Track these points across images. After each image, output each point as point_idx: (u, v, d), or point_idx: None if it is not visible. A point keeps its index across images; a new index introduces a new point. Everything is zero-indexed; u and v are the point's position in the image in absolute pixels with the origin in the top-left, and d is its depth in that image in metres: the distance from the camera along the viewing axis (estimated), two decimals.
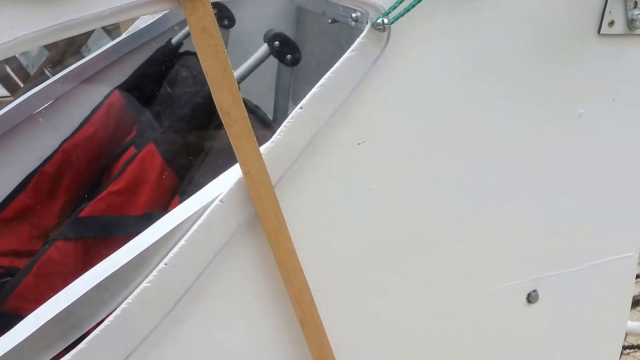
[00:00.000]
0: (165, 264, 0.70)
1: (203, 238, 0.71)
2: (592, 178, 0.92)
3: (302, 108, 0.73)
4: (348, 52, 0.72)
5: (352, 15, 1.04)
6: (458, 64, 0.79)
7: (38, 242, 1.35)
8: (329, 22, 1.31)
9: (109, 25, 2.25)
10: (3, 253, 1.34)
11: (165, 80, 1.46)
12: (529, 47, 0.82)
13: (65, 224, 1.16)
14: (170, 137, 1.14)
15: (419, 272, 0.85)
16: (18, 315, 0.71)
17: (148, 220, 0.74)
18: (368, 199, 0.79)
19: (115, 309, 0.69)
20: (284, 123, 0.72)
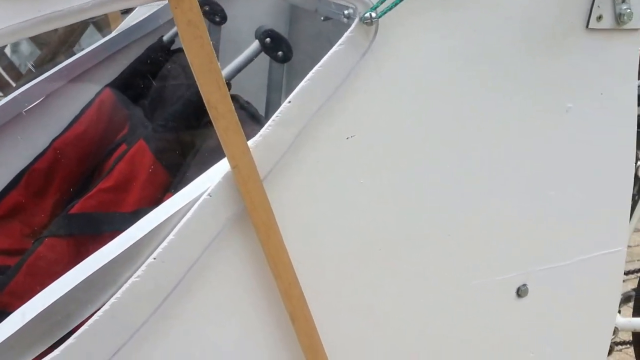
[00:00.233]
0: (154, 259, 0.70)
1: (192, 232, 0.71)
2: (580, 172, 0.92)
3: (290, 102, 0.73)
4: (336, 45, 0.73)
5: (344, 13, 1.04)
6: (447, 59, 0.79)
7: (29, 240, 1.34)
8: (322, 19, 1.31)
9: (102, 23, 2.25)
10: None
11: (157, 78, 1.45)
12: (518, 41, 0.82)
13: (56, 221, 1.15)
14: (161, 133, 1.14)
15: (409, 266, 0.85)
16: (9, 313, 0.71)
17: (139, 217, 0.74)
18: (357, 193, 0.79)
19: (104, 304, 0.69)
20: (272, 117, 0.73)
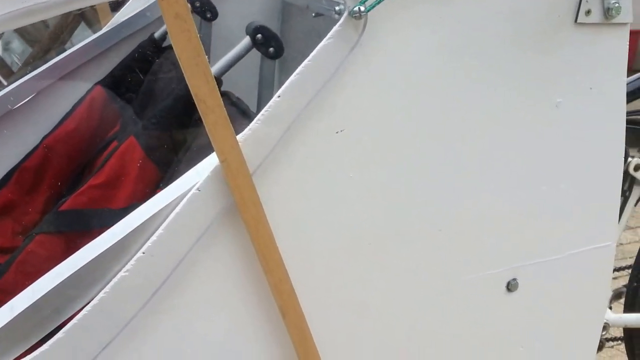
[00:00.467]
0: (143, 253, 0.70)
1: (181, 227, 0.71)
2: (570, 167, 0.93)
3: (280, 97, 0.73)
4: (325, 39, 0.73)
5: (335, 9, 1.04)
6: (436, 53, 0.79)
7: (21, 238, 1.34)
8: (313, 15, 1.31)
9: (93, 20, 2.24)
10: None
11: (148, 74, 1.45)
12: (507, 35, 0.82)
13: (46, 218, 1.15)
14: (152, 129, 1.14)
15: (399, 261, 0.85)
16: None
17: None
18: (347, 188, 0.79)
19: (93, 299, 0.69)
20: (262, 111, 0.72)
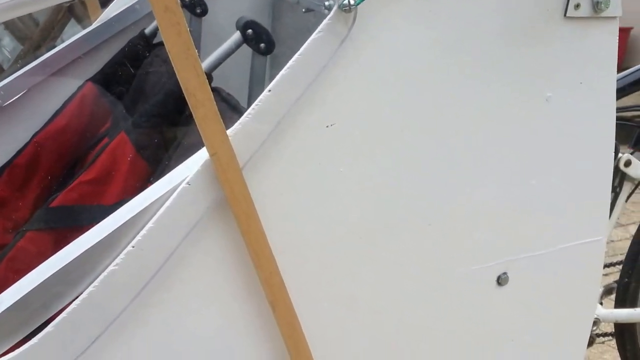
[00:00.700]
0: (133, 247, 0.70)
1: (171, 221, 0.71)
2: (560, 161, 0.93)
3: (270, 91, 0.73)
4: (315, 33, 0.73)
5: (325, 4, 1.04)
6: (426, 46, 0.79)
7: (12, 234, 1.33)
8: (303, 11, 1.31)
9: (83, 16, 2.23)
10: None
11: (139, 71, 1.44)
12: (497, 29, 0.82)
13: (36, 215, 1.14)
14: (142, 125, 1.13)
15: (390, 255, 0.85)
16: None
17: None
18: (337, 182, 0.79)
19: (83, 293, 0.69)
20: (252, 106, 0.72)
